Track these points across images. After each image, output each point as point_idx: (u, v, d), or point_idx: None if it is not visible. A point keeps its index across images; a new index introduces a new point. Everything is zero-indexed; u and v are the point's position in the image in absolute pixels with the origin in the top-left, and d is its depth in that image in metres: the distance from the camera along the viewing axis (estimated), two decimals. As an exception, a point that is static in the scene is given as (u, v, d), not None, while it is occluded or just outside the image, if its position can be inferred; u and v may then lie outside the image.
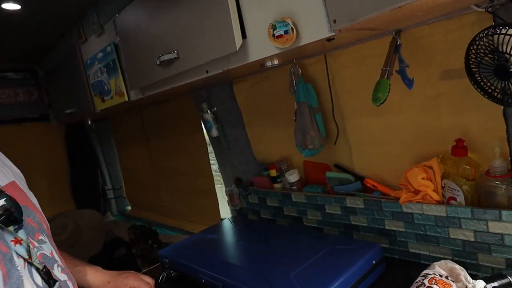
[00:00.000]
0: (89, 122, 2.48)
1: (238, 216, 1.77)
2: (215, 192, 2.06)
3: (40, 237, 0.75)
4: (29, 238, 0.71)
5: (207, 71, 1.14)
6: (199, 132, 2.01)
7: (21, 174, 0.85)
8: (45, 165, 2.88)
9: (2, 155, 0.85)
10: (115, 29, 1.54)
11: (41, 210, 0.82)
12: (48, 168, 2.92)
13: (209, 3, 1.02)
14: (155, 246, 1.94)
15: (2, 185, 0.73)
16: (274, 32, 0.88)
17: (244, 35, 0.99)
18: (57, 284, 0.71)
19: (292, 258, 1.10)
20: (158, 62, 1.23)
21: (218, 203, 2.06)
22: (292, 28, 0.85)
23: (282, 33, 0.87)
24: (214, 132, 1.73)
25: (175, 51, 1.18)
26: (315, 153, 1.29)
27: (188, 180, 2.25)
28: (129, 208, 3.17)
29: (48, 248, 0.75)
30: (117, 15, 1.51)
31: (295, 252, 1.15)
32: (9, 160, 0.85)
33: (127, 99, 1.62)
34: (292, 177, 1.47)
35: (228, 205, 1.86)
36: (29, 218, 0.74)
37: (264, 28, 0.91)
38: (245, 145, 1.73)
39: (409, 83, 0.99)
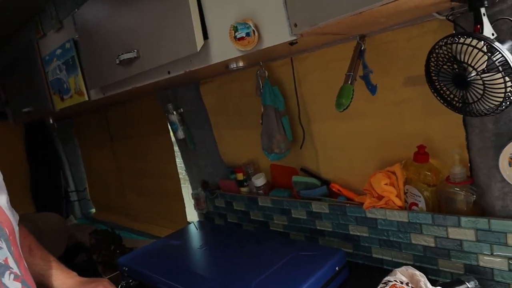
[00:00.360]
0: (51, 121, 2.35)
1: (204, 221, 1.73)
2: (182, 195, 2.00)
3: None
4: None
5: (169, 72, 1.09)
6: (165, 133, 1.94)
7: None
8: (1, 166, 2.71)
9: None
10: (74, 25, 1.46)
11: (8, 213, 0.79)
12: (5, 169, 2.74)
13: (170, 1, 0.97)
14: (117, 251, 1.86)
15: None
16: (236, 34, 0.85)
17: (206, 36, 0.95)
18: None
19: (256, 265, 1.08)
20: (117, 61, 1.17)
21: (185, 206, 2.01)
22: (253, 31, 0.82)
23: (244, 35, 0.84)
24: (180, 134, 1.68)
25: (135, 50, 1.12)
26: (281, 157, 1.27)
27: (155, 182, 2.18)
28: (93, 210, 3.04)
29: (2, 254, 0.72)
30: (76, 10, 1.42)
31: (259, 258, 1.13)
32: None
33: (87, 99, 1.54)
34: (259, 181, 1.44)
35: (195, 208, 1.81)
36: None
37: (226, 29, 0.87)
38: (212, 147, 1.69)
39: (372, 89, 0.98)
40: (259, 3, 0.81)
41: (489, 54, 0.66)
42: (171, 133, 1.89)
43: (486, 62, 0.67)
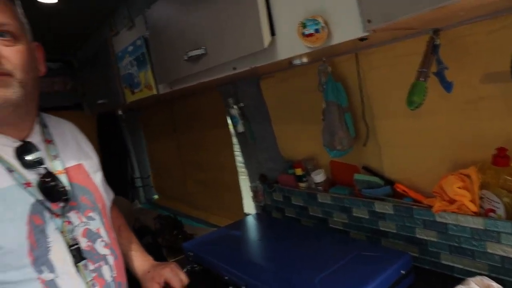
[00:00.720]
0: (120, 112, 2.54)
1: (262, 213, 1.75)
2: (240, 187, 2.05)
3: (90, 214, 0.86)
4: (79, 213, 0.82)
5: (234, 68, 1.12)
6: (225, 127, 2.00)
7: (95, 159, 0.98)
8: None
9: (85, 140, 1.01)
10: (145, 23, 1.55)
11: (102, 191, 0.94)
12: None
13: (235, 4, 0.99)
14: (180, 236, 1.97)
15: (67, 166, 0.86)
16: (304, 30, 0.84)
17: (273, 33, 0.95)
18: (83, 261, 0.79)
19: (317, 261, 1.07)
20: (186, 58, 1.22)
21: (242, 198, 2.05)
22: (323, 27, 0.81)
23: (313, 32, 0.83)
24: (240, 128, 1.72)
25: (203, 47, 1.16)
26: (344, 154, 1.25)
27: (214, 173, 2.26)
28: (156, 197, 3.24)
29: (95, 225, 0.86)
30: (147, 9, 1.51)
31: (320, 255, 1.13)
32: (89, 146, 1.01)
33: (155, 92, 1.63)
34: (318, 177, 1.43)
35: (253, 201, 1.85)
36: (84, 197, 0.86)
37: (294, 26, 0.87)
38: (271, 142, 1.70)
39: (447, 86, 0.92)
40: (330, 0, 0.79)
41: None
42: (231, 127, 1.94)
43: None
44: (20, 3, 0.79)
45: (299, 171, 1.54)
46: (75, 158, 0.90)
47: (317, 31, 0.82)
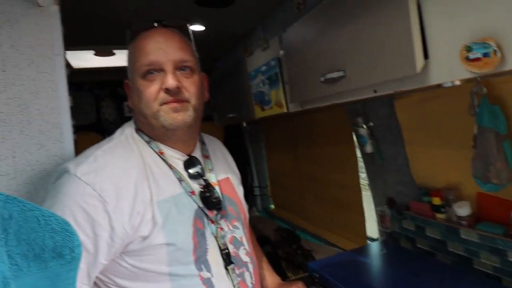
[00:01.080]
0: (244, 124, 2.72)
1: (389, 241, 1.64)
2: (363, 208, 1.97)
3: (235, 223, 0.93)
4: (227, 222, 0.90)
5: (375, 91, 1.08)
6: (350, 144, 1.95)
7: (238, 174, 1.10)
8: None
9: (229, 156, 1.15)
10: (280, 45, 1.62)
11: (244, 203, 1.03)
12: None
13: (385, 21, 0.96)
14: (299, 252, 1.99)
15: (219, 179, 0.95)
16: (469, 54, 0.76)
17: (426, 56, 0.89)
18: (231, 265, 0.86)
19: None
20: (322, 79, 1.24)
21: (364, 219, 1.97)
22: (494, 51, 0.72)
23: (480, 56, 0.75)
24: (368, 148, 1.65)
25: (342, 70, 1.15)
26: (500, 188, 1.08)
27: (334, 191, 2.22)
28: (272, 206, 3.35)
29: (239, 234, 0.93)
30: (283, 31, 1.58)
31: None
32: (233, 161, 1.14)
33: (285, 111, 1.69)
34: (463, 210, 1.27)
35: (378, 225, 1.75)
36: (231, 207, 0.94)
37: (454, 49, 0.80)
38: (403, 165, 1.59)
39: None
40: (507, 21, 0.70)
41: None
42: (356, 145, 1.89)
43: None
44: (193, 41, 0.92)
45: (436, 200, 1.40)
46: (224, 171, 1.01)
47: (486, 55, 0.74)
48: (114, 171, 0.77)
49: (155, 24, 0.89)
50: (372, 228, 1.99)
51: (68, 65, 1.15)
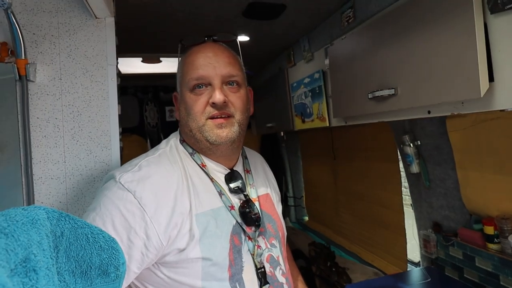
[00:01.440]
0: (282, 133, 2.69)
1: (433, 268, 1.55)
2: (404, 229, 1.88)
3: (273, 242, 0.91)
4: (265, 239, 0.88)
5: (429, 112, 1.02)
6: (394, 162, 1.87)
7: (277, 189, 1.07)
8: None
9: (270, 171, 1.12)
10: (326, 58, 1.59)
11: (282, 221, 0.99)
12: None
13: (446, 38, 0.90)
14: (333, 269, 1.93)
15: (259, 195, 0.94)
16: (544, 80, 0.70)
17: (490, 78, 0.83)
18: (267, 286, 0.83)
19: None
20: (370, 96, 1.19)
21: (406, 241, 1.87)
22: None
23: (557, 83, 0.68)
24: (415, 168, 1.57)
25: (393, 88, 1.10)
26: None
27: (373, 208, 2.13)
28: (306, 218, 3.29)
29: (276, 252, 0.90)
30: (329, 44, 1.55)
31: None
32: (273, 177, 1.11)
33: (327, 125, 1.65)
34: (521, 243, 1.17)
35: (420, 249, 1.66)
36: (269, 225, 0.92)
37: (526, 73, 0.73)
38: (452, 188, 1.50)
39: None
40: None
41: None
42: (401, 164, 1.80)
43: None
44: (240, 58, 0.92)
45: (489, 230, 1.30)
46: (264, 187, 0.99)
47: None
48: (156, 182, 0.77)
49: (205, 39, 0.90)
50: (412, 251, 1.89)
51: (118, 74, 1.18)
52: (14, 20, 1.00)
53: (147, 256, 0.73)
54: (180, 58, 0.92)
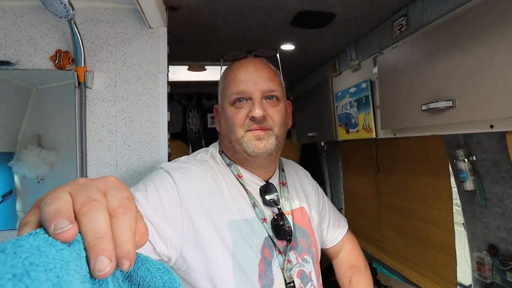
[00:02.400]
0: (322, 143, 2.64)
1: (488, 293, 1.44)
2: (454, 250, 1.76)
3: (305, 257, 0.90)
4: (296, 254, 0.87)
5: (491, 126, 0.95)
6: (444, 178, 1.76)
7: (314, 202, 1.03)
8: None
9: (310, 182, 1.08)
10: (374, 67, 1.54)
11: (317, 235, 0.97)
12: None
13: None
14: (376, 287, 1.84)
15: (293, 208, 0.93)
16: None
17: None
18: None
19: None
20: (424, 108, 1.13)
21: (456, 263, 1.75)
22: None
23: None
24: (469, 185, 1.47)
25: (451, 100, 1.04)
26: None
27: (420, 226, 2.02)
28: (345, 231, 3.19)
29: (309, 268, 0.89)
30: (379, 54, 1.50)
31: None
32: (312, 186, 1.07)
33: (374, 136, 1.60)
34: None
35: (473, 273, 1.54)
36: (302, 239, 0.91)
37: None
38: (511, 208, 1.38)
39: None
40: None
41: None
42: (452, 180, 1.70)
43: None
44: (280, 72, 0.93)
45: (557, 257, 1.18)
46: (299, 200, 0.97)
47: None
48: (193, 176, 0.81)
49: (246, 54, 0.93)
50: (462, 273, 1.77)
51: (168, 82, 1.22)
52: (76, 30, 1.06)
53: (168, 235, 0.72)
54: (221, 72, 0.95)
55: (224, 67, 0.95)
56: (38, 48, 1.13)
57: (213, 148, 0.95)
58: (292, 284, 0.83)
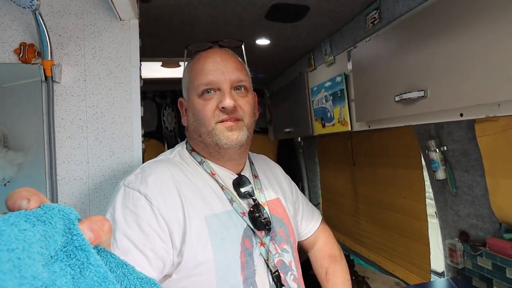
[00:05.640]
0: (299, 139, 2.66)
1: (460, 279, 1.49)
2: (428, 238, 1.81)
3: (284, 247, 0.89)
4: (275, 244, 0.87)
5: (461, 114, 0.98)
6: (417, 168, 1.81)
7: (288, 194, 1.03)
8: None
9: (279, 171, 1.08)
10: (349, 61, 1.56)
11: (293, 225, 0.97)
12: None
13: (482, 37, 0.86)
14: (353, 278, 1.87)
15: (268, 199, 0.92)
16: None
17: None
18: None
19: None
20: (397, 99, 1.16)
21: (429, 251, 1.81)
22: None
23: None
24: (441, 175, 1.52)
25: (422, 90, 1.07)
26: None
27: (395, 217, 2.07)
28: (323, 225, 3.22)
29: (288, 257, 0.89)
30: (353, 47, 1.52)
31: None
32: (284, 177, 1.08)
33: (349, 129, 1.62)
34: (559, 255, 1.11)
35: (445, 259, 1.60)
36: (280, 229, 0.91)
37: None
38: (481, 196, 1.43)
39: None
40: None
41: None
42: (424, 170, 1.75)
43: None
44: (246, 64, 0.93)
45: (523, 240, 1.24)
46: (274, 192, 0.97)
47: None
48: (158, 179, 0.78)
49: (211, 45, 0.91)
50: (436, 260, 1.82)
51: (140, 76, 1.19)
52: (41, 22, 1.01)
53: (166, 251, 0.73)
54: (186, 64, 0.93)
55: (188, 59, 0.93)
56: (1, 41, 1.07)
57: (180, 148, 0.92)
58: (277, 273, 0.83)
